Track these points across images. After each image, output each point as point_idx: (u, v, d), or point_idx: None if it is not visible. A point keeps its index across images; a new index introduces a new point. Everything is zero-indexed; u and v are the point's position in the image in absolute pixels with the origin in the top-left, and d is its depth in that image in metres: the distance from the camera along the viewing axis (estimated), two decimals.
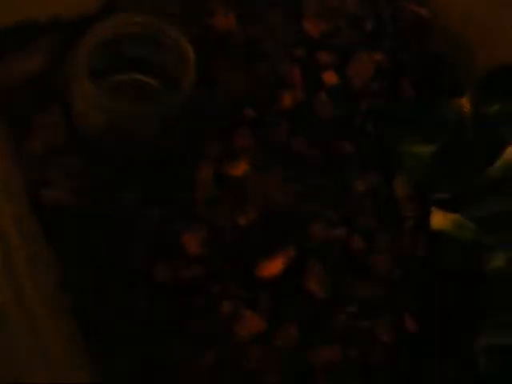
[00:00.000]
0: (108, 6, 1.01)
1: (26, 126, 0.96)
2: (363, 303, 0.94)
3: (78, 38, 0.91)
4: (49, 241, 0.88)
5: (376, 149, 1.03)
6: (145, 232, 0.92)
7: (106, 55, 0.94)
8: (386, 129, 1.03)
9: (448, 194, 0.95)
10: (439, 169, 0.98)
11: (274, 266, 0.94)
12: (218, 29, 1.02)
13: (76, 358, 0.84)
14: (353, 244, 0.97)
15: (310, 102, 1.01)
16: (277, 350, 0.91)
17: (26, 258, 0.85)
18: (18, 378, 0.79)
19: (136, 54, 0.96)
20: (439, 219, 0.90)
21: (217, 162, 0.96)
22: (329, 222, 0.97)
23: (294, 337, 0.92)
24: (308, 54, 1.03)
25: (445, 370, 0.91)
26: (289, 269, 0.94)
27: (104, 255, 0.91)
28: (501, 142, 0.97)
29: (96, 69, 0.93)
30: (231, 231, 0.94)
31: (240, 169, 0.96)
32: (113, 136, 0.93)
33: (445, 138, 0.99)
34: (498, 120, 0.93)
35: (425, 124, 1.02)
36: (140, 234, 0.92)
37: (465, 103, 1.00)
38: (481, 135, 0.98)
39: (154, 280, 0.91)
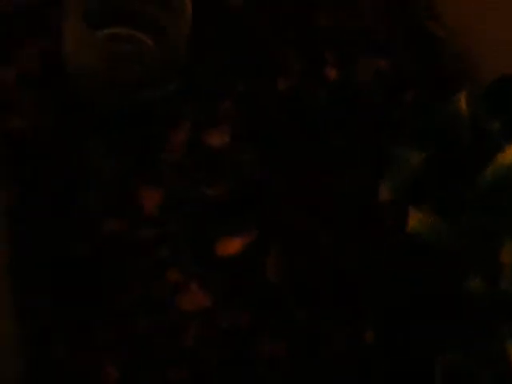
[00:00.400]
0: None
1: (5, 57, 0.92)
2: (321, 299, 0.87)
3: None
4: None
5: (370, 149, 0.97)
6: (102, 182, 0.86)
7: (99, 5, 0.91)
8: (382, 131, 0.98)
9: (434, 201, 0.89)
10: (428, 176, 0.93)
11: (232, 246, 0.88)
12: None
13: None
14: (322, 238, 0.91)
15: (305, 90, 0.97)
16: (220, 332, 0.84)
17: None
18: None
19: (131, 7, 0.93)
20: (415, 221, 0.84)
21: (195, 127, 0.91)
22: (301, 210, 0.91)
23: (242, 323, 0.85)
24: (312, 46, 0.99)
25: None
26: (248, 251, 0.88)
27: (55, 195, 0.85)
28: (496, 149, 0.91)
29: (88, 18, 0.89)
30: (194, 200, 0.88)
31: (218, 138, 0.91)
32: (97, 80, 0.89)
33: (438, 144, 0.95)
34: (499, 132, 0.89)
35: (421, 128, 0.97)
36: (97, 182, 0.86)
37: (462, 105, 0.95)
38: (476, 140, 0.93)
39: (101, 233, 0.85)
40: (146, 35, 0.94)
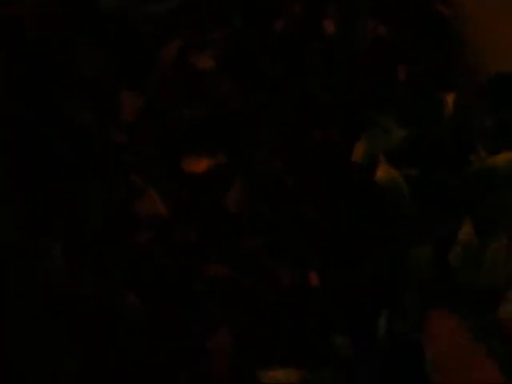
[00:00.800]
0: None
1: None
2: (272, 236, 0.89)
3: None
4: None
5: (354, 109, 0.99)
6: (86, 78, 0.89)
7: None
8: (369, 97, 1.00)
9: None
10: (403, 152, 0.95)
11: (198, 165, 0.90)
12: None
13: None
14: (288, 181, 0.92)
15: (300, 37, 0.99)
16: (170, 246, 0.86)
17: None
18: None
19: None
20: (384, 173, 0.86)
21: (186, 47, 0.94)
22: (272, 150, 0.93)
23: (191, 239, 0.87)
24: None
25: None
26: (213, 174, 0.90)
27: (39, 84, 0.88)
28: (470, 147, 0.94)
29: None
30: (171, 114, 0.91)
31: (204, 62, 0.93)
32: None
33: (420, 128, 0.97)
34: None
35: (408, 108, 0.99)
36: (80, 78, 0.89)
37: (448, 100, 0.98)
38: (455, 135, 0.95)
39: (75, 128, 0.87)
40: None
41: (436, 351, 0.74)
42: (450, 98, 0.99)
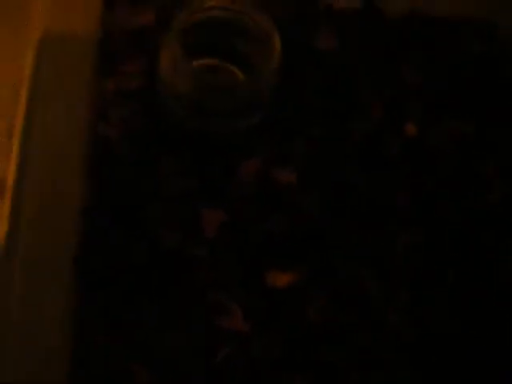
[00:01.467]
0: None
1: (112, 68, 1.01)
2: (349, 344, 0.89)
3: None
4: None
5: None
6: (168, 197, 0.93)
7: (194, 37, 0.98)
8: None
9: None
10: None
11: (281, 279, 0.92)
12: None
13: None
14: (372, 291, 0.93)
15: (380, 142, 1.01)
16: (251, 361, 0.88)
17: None
18: None
19: (221, 39, 0.99)
20: None
21: (266, 161, 0.96)
22: (353, 261, 0.94)
23: (273, 354, 0.88)
24: (397, 99, 1.03)
25: None
26: (295, 287, 0.91)
27: (124, 201, 0.92)
28: None
29: (186, 46, 0.97)
30: (254, 230, 0.93)
31: (286, 176, 0.96)
32: (187, 107, 0.96)
33: None
34: None
35: None
36: (163, 196, 0.93)
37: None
38: None
39: (159, 246, 0.91)
40: (237, 68, 1.00)
41: None
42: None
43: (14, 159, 0.95)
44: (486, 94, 1.06)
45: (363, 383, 0.87)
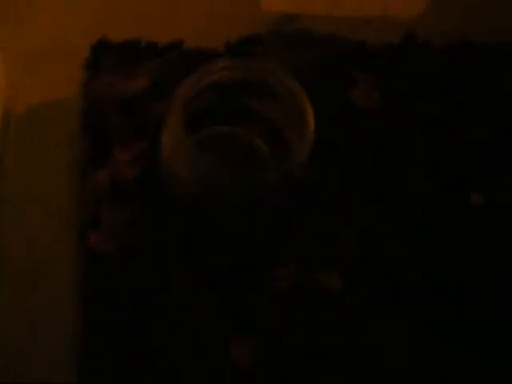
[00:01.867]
0: None
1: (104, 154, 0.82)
2: None
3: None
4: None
5: None
6: (186, 323, 0.74)
7: (209, 101, 0.77)
8: None
9: None
10: None
11: None
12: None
13: None
14: None
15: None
16: None
17: None
18: None
19: (243, 103, 0.79)
20: None
21: (302, 263, 0.77)
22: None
23: None
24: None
25: None
26: None
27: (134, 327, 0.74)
28: None
29: (195, 115, 0.77)
30: (288, 348, 0.75)
31: (328, 280, 0.77)
32: (191, 195, 0.76)
33: None
34: None
35: None
36: (179, 323, 0.74)
37: None
38: None
39: None
40: (256, 134, 0.80)
41: None
42: None
43: None
44: None
45: None
